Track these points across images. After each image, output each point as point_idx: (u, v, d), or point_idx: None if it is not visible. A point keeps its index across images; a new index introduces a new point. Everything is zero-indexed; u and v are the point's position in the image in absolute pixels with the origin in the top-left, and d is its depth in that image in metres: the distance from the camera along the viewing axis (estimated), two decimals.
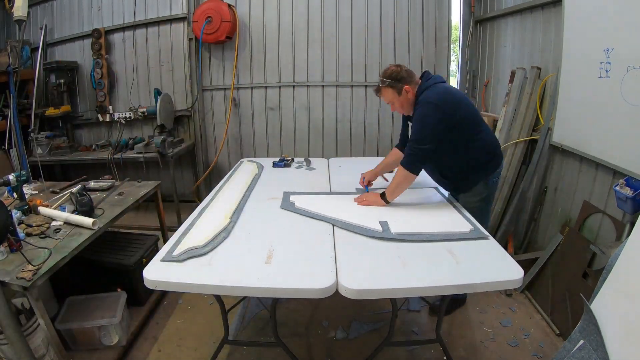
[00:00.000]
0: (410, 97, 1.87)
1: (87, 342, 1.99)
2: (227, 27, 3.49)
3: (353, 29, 3.72)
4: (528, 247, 2.80)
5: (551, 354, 1.95)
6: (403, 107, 1.92)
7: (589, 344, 1.14)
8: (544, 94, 2.70)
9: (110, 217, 2.03)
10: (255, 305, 2.41)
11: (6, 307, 1.48)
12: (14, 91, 3.31)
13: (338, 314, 2.31)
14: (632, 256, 1.12)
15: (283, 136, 4.00)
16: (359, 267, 1.38)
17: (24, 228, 1.83)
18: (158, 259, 1.43)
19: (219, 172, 4.02)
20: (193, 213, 1.86)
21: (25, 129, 3.50)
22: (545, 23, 2.67)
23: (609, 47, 1.93)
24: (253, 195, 2.12)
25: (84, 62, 3.93)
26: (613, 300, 1.15)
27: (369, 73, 3.80)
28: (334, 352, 2.05)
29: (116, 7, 3.79)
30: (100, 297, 2.12)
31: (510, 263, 1.39)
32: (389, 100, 1.92)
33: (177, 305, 2.47)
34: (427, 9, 3.66)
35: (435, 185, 2.21)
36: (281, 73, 3.84)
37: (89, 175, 2.70)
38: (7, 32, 3.91)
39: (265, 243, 1.54)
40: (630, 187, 1.76)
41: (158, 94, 3.61)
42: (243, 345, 2.09)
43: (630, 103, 1.81)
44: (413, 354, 2.02)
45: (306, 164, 2.79)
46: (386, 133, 3.92)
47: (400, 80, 1.83)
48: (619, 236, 1.93)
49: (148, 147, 3.47)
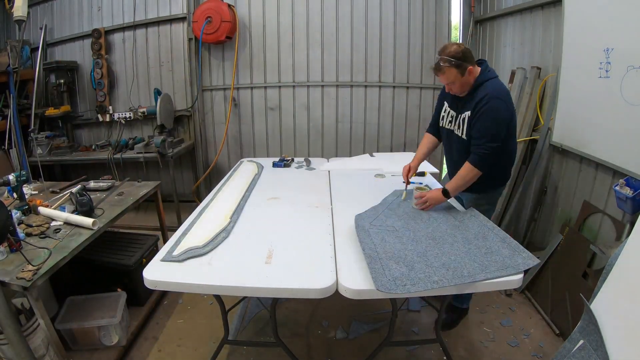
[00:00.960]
0: (471, 79, 1.77)
1: (87, 342, 1.99)
2: (227, 27, 3.49)
3: (353, 29, 3.71)
4: (528, 247, 2.77)
5: (551, 354, 1.95)
6: (462, 88, 1.79)
7: (589, 344, 1.14)
8: (544, 94, 2.70)
9: (110, 217, 2.03)
10: (255, 305, 2.41)
11: (6, 307, 1.48)
12: (14, 91, 3.31)
13: (338, 314, 2.31)
14: (632, 256, 1.12)
15: (283, 136, 4.00)
16: (359, 267, 1.38)
17: (24, 228, 1.83)
18: (158, 259, 1.43)
19: (218, 172, 4.01)
20: (193, 213, 1.86)
21: (25, 129, 3.50)
22: (545, 23, 2.67)
23: (609, 47, 1.93)
24: (253, 195, 2.12)
25: (84, 62, 3.93)
26: (613, 300, 1.15)
27: (369, 73, 3.80)
28: (334, 352, 2.05)
29: (116, 7, 3.78)
30: (100, 297, 2.12)
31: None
32: (450, 81, 1.77)
33: (177, 305, 2.47)
34: (427, 9, 3.66)
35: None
36: (281, 73, 3.84)
37: (89, 175, 2.70)
38: (7, 32, 3.90)
39: (265, 243, 1.54)
40: (630, 187, 1.76)
41: (158, 94, 3.61)
42: (243, 345, 2.09)
43: (630, 103, 1.81)
44: (413, 354, 2.02)
45: (306, 164, 2.79)
46: (386, 133, 3.92)
47: (465, 60, 1.72)
48: (619, 236, 1.93)
49: (148, 147, 3.47)
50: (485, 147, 1.72)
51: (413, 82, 3.80)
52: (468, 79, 1.76)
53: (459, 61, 1.71)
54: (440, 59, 1.75)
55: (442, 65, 1.74)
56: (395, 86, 3.81)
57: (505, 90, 1.78)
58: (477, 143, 1.75)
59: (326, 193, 2.17)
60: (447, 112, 1.97)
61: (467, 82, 1.77)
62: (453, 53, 1.72)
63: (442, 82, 1.82)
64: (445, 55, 1.73)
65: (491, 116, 1.70)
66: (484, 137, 1.72)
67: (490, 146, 1.71)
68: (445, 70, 1.74)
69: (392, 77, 3.80)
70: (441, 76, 1.79)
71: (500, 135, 1.72)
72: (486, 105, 1.71)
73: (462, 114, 1.83)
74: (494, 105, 1.70)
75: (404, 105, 3.86)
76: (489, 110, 1.70)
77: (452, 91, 1.84)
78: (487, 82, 1.75)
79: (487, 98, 1.71)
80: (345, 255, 1.46)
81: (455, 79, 1.75)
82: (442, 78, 1.80)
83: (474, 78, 1.77)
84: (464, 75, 1.74)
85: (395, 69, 3.78)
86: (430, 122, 2.16)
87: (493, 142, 1.71)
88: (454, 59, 1.71)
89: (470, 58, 1.74)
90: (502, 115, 1.71)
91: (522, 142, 2.76)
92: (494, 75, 1.79)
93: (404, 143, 3.97)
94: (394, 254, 1.44)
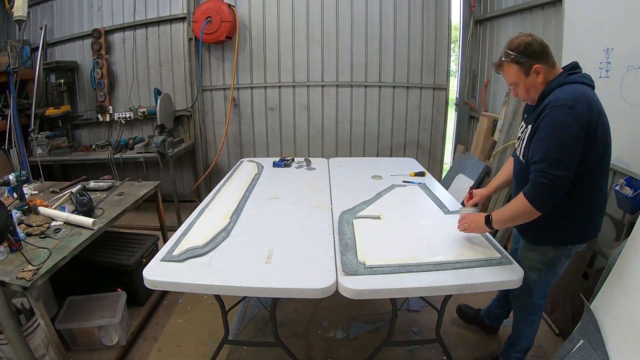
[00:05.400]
0: (540, 82, 1.36)
1: (87, 342, 1.99)
2: (227, 27, 3.49)
3: (353, 29, 3.72)
4: None
5: (551, 354, 1.94)
6: (528, 93, 1.40)
7: (589, 344, 1.14)
8: None
9: (110, 217, 2.03)
10: (255, 305, 2.41)
11: (6, 307, 1.48)
12: (14, 91, 3.31)
13: (338, 314, 2.31)
14: (632, 256, 1.12)
15: (283, 136, 4.00)
16: None
17: (24, 228, 1.83)
18: (158, 259, 1.43)
19: (218, 172, 4.02)
20: (193, 213, 1.86)
21: (25, 129, 3.50)
22: (545, 23, 2.67)
23: (609, 47, 1.93)
24: (253, 195, 2.12)
25: (84, 62, 3.93)
26: (613, 300, 1.15)
27: (369, 73, 3.80)
28: (334, 352, 2.05)
29: (116, 7, 3.78)
30: (100, 297, 2.12)
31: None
32: (511, 81, 1.42)
33: (177, 305, 2.47)
34: (427, 9, 3.66)
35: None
36: (281, 73, 3.85)
37: (89, 175, 2.70)
38: (7, 32, 3.90)
39: (265, 243, 1.54)
40: (630, 187, 1.76)
41: (158, 94, 3.61)
42: (243, 345, 2.09)
43: (630, 103, 1.81)
44: (413, 354, 2.02)
45: (306, 164, 2.79)
46: (386, 133, 3.93)
47: (531, 56, 1.34)
48: (619, 236, 1.93)
49: (148, 147, 3.47)
50: (542, 174, 1.26)
51: (413, 82, 3.80)
52: (535, 81, 1.36)
53: (522, 56, 1.34)
54: (502, 53, 1.40)
55: (502, 60, 1.40)
56: (395, 86, 3.81)
57: (585, 98, 1.27)
58: (534, 169, 1.30)
59: (326, 193, 2.17)
60: (521, 129, 1.53)
61: (534, 86, 1.38)
62: (516, 45, 1.35)
63: (506, 83, 1.47)
64: (507, 49, 1.38)
65: (551, 131, 1.26)
66: (541, 161, 1.27)
67: (549, 174, 1.24)
68: (504, 66, 1.40)
69: (392, 77, 3.80)
70: (502, 74, 1.45)
71: (564, 159, 1.24)
72: (548, 117, 1.28)
73: (527, 129, 1.43)
74: (556, 117, 1.25)
75: (404, 105, 3.86)
76: (549, 123, 1.27)
77: (515, 96, 1.49)
78: (563, 87, 1.32)
79: (549, 107, 1.28)
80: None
81: (518, 79, 1.39)
82: (504, 77, 1.45)
83: (544, 80, 1.36)
84: (529, 75, 1.36)
85: (395, 69, 3.78)
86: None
87: (554, 168, 1.24)
88: (514, 52, 1.35)
89: (539, 54, 1.34)
90: (567, 131, 1.24)
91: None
92: (579, 79, 1.33)
93: (404, 143, 3.98)
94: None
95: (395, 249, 1.48)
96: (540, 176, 1.27)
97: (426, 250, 1.49)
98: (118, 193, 2.38)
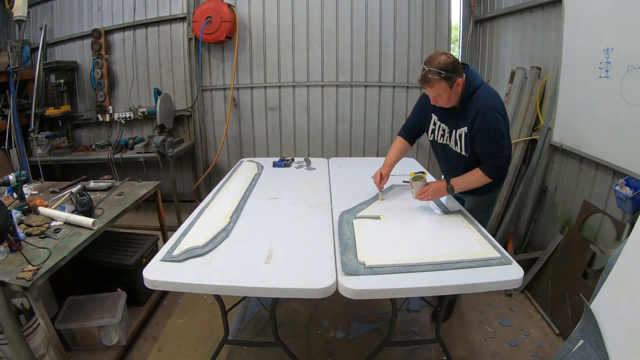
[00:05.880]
0: (459, 90, 1.70)
1: (87, 342, 1.99)
2: (227, 27, 3.49)
3: (353, 29, 3.71)
4: (528, 247, 2.80)
5: (551, 354, 1.95)
6: (450, 100, 1.72)
7: (589, 344, 1.14)
8: (544, 94, 2.70)
9: (110, 217, 2.03)
10: (255, 305, 2.41)
11: (6, 307, 1.48)
12: (14, 91, 3.31)
13: (338, 314, 2.31)
14: (632, 256, 1.12)
15: (283, 136, 4.00)
16: None
17: (24, 228, 1.83)
18: (158, 259, 1.43)
19: (218, 172, 4.02)
20: (193, 213, 1.86)
21: (25, 129, 3.50)
22: (545, 23, 2.67)
23: (609, 47, 1.93)
24: (253, 195, 2.12)
25: (83, 62, 3.93)
26: (613, 300, 1.15)
27: (369, 73, 3.80)
28: (334, 352, 2.05)
29: (116, 7, 3.78)
30: (100, 297, 2.12)
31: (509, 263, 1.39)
32: (437, 94, 1.69)
33: (177, 305, 2.47)
34: (427, 9, 3.66)
35: None
36: (281, 73, 3.84)
37: (89, 175, 2.70)
38: (7, 32, 3.90)
39: (265, 243, 1.54)
40: (630, 187, 1.76)
41: (158, 94, 3.61)
42: (243, 345, 2.09)
43: (630, 103, 1.81)
44: (413, 354, 2.02)
45: (306, 164, 2.79)
46: (386, 133, 3.92)
47: (455, 72, 1.63)
48: (618, 236, 1.93)
49: (148, 147, 3.47)
50: (498, 159, 1.72)
51: (413, 82, 3.80)
52: (457, 90, 1.69)
53: (449, 74, 1.61)
54: (428, 71, 1.63)
55: (430, 77, 1.63)
56: (395, 86, 3.81)
57: (495, 96, 1.73)
58: (489, 160, 1.73)
59: (326, 193, 2.17)
60: (437, 125, 1.91)
61: (455, 94, 1.71)
62: (443, 65, 1.61)
63: (429, 94, 1.74)
64: (434, 67, 1.62)
65: (493, 131, 1.68)
66: (493, 153, 1.71)
67: (502, 156, 1.72)
68: (433, 84, 1.64)
69: (392, 77, 3.80)
70: (429, 89, 1.70)
71: (504, 143, 1.72)
72: (483, 121, 1.67)
73: (458, 130, 1.79)
74: (491, 119, 1.66)
75: (404, 105, 3.86)
76: (488, 125, 1.67)
77: (438, 104, 1.75)
78: (477, 92, 1.70)
79: (481, 113, 1.66)
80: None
81: (443, 92, 1.67)
82: (429, 91, 1.71)
83: (461, 88, 1.71)
84: (453, 87, 1.66)
85: (395, 69, 3.78)
86: (405, 125, 2.14)
87: (502, 152, 1.71)
88: (444, 71, 1.61)
89: (459, 69, 1.66)
90: (501, 125, 1.69)
91: (522, 142, 2.76)
92: (480, 81, 1.73)
93: None
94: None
95: (395, 249, 1.48)
96: (498, 161, 1.73)
97: (426, 250, 1.49)
98: (118, 193, 2.39)
